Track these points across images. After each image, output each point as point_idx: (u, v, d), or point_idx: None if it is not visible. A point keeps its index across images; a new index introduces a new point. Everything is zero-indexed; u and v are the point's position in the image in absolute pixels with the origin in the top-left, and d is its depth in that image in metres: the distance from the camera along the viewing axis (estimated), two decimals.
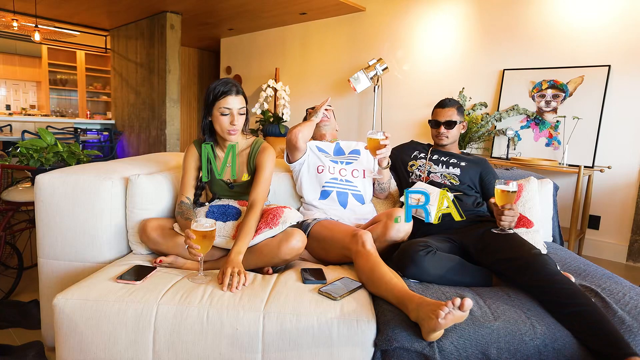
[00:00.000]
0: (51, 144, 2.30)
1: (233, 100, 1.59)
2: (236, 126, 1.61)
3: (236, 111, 1.60)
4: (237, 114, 1.60)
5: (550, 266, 1.33)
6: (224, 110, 1.59)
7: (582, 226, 3.20)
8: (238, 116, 1.61)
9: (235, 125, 1.61)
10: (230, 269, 1.34)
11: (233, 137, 1.64)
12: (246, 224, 1.51)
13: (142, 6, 4.92)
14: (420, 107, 4.15)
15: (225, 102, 1.58)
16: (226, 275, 1.32)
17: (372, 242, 1.50)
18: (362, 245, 1.47)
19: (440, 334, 1.12)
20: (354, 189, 1.94)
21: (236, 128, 1.62)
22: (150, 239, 1.55)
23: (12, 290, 2.16)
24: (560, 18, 3.29)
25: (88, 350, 1.24)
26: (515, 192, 1.55)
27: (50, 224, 1.58)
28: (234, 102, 1.59)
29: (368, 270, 1.37)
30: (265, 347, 1.21)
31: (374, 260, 1.40)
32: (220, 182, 1.74)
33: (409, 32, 4.21)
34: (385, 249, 1.61)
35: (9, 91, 7.19)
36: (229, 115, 1.60)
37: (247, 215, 1.54)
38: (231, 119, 1.60)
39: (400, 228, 1.57)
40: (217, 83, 1.61)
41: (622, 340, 1.11)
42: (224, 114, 1.60)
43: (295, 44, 5.35)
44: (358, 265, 1.43)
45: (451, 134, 1.98)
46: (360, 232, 1.52)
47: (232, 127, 1.61)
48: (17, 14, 5.08)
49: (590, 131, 3.12)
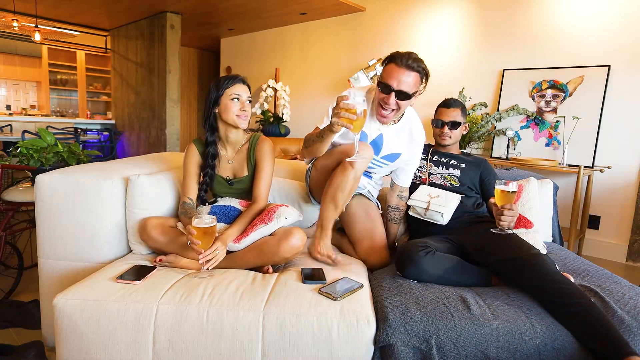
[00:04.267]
0: (51, 144, 2.30)
1: (241, 87, 1.66)
2: (246, 112, 1.65)
3: (245, 98, 1.66)
4: (246, 101, 1.66)
5: (550, 266, 1.33)
6: (234, 95, 1.64)
7: (582, 226, 3.20)
8: (247, 103, 1.66)
9: (246, 110, 1.65)
10: (216, 246, 1.42)
11: (243, 122, 1.67)
12: (247, 214, 1.60)
13: (142, 6, 4.92)
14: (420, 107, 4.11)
15: (235, 89, 1.65)
16: (212, 249, 1.40)
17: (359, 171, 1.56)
18: (351, 164, 1.52)
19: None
20: (360, 189, 1.91)
21: (246, 114, 1.66)
22: (150, 237, 1.56)
23: (12, 290, 2.16)
24: (560, 18, 3.30)
25: (88, 350, 1.24)
26: (515, 192, 1.55)
27: (51, 224, 1.58)
28: (242, 90, 1.66)
29: (336, 184, 1.56)
30: (265, 347, 1.21)
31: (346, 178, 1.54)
32: (219, 178, 1.74)
33: (409, 32, 4.21)
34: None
35: (9, 91, 7.19)
36: (239, 102, 1.65)
37: (250, 207, 1.63)
38: (241, 105, 1.65)
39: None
40: (223, 76, 1.68)
41: (622, 340, 1.12)
42: (234, 99, 1.64)
43: (295, 44, 5.35)
44: (335, 173, 1.57)
45: (454, 134, 1.98)
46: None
47: (243, 112, 1.65)
48: (17, 14, 5.08)
49: (590, 131, 3.12)
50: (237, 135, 1.73)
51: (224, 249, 1.45)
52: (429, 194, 1.80)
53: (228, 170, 1.75)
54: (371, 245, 1.73)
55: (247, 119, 1.68)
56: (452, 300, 1.29)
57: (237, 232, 1.54)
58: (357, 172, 1.56)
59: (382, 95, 1.60)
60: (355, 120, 1.35)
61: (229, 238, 1.50)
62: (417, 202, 1.80)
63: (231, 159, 1.75)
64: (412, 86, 1.57)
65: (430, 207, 1.75)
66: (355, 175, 1.56)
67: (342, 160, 1.58)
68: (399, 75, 1.56)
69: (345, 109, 1.35)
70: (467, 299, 1.30)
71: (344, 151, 1.61)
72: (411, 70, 1.56)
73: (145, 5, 4.86)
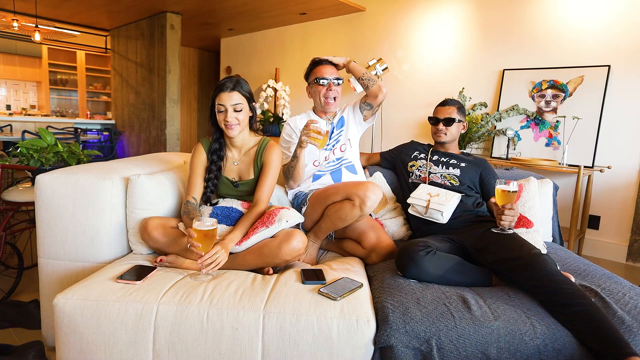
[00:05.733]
0: (51, 144, 2.30)
1: (225, 96, 1.62)
2: (229, 122, 1.63)
3: (230, 107, 1.62)
4: (230, 110, 1.62)
5: (550, 266, 1.33)
6: (218, 107, 1.64)
7: (582, 226, 3.20)
8: (232, 112, 1.63)
9: (229, 121, 1.62)
10: (217, 249, 1.39)
11: (231, 132, 1.65)
12: (248, 217, 1.59)
13: (142, 6, 4.92)
14: (420, 107, 4.15)
15: (219, 99, 1.63)
16: (211, 253, 1.38)
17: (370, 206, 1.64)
18: (361, 203, 1.61)
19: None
20: (345, 161, 2.01)
21: (230, 123, 1.63)
22: (151, 237, 1.56)
23: (12, 290, 2.16)
24: (560, 18, 3.30)
25: (88, 350, 1.24)
26: (515, 192, 1.55)
27: (51, 224, 1.58)
28: (226, 99, 1.62)
29: (340, 216, 1.67)
30: (265, 347, 1.21)
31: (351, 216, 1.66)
32: (225, 180, 1.75)
33: (409, 32, 4.21)
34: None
35: (9, 91, 7.19)
36: (223, 112, 1.63)
37: (251, 210, 1.61)
38: (224, 115, 1.63)
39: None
40: (218, 83, 1.66)
41: (622, 340, 1.12)
42: (219, 110, 1.64)
43: (295, 44, 5.35)
44: (342, 205, 1.65)
45: (450, 131, 1.99)
46: (366, 195, 1.61)
47: (227, 123, 1.63)
48: (17, 14, 5.08)
49: (590, 131, 3.12)
50: (242, 139, 1.74)
51: (225, 253, 1.43)
52: (429, 192, 1.81)
53: (234, 172, 1.76)
54: (377, 236, 1.75)
55: (235, 127, 1.65)
56: (452, 301, 1.29)
57: (240, 236, 1.53)
58: (364, 214, 1.67)
59: (324, 89, 1.95)
60: (321, 140, 1.66)
61: (231, 243, 1.49)
62: (417, 200, 1.80)
63: (237, 160, 1.75)
64: (335, 73, 1.98)
65: (430, 206, 1.75)
66: (362, 215, 1.67)
67: (349, 197, 1.66)
68: (324, 69, 1.97)
69: (313, 130, 1.67)
70: (467, 299, 1.29)
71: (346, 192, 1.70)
72: (327, 64, 1.98)
73: (145, 5, 4.86)
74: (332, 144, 2.02)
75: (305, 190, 1.93)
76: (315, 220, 1.79)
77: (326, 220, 1.73)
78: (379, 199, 1.65)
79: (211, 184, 1.72)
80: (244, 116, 1.66)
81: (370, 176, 2.20)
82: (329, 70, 1.96)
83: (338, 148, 2.02)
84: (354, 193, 1.63)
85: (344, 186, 1.71)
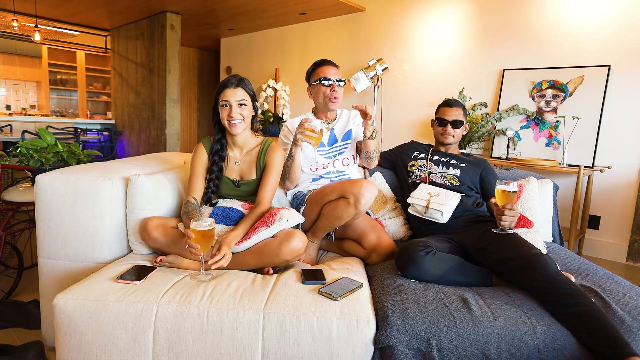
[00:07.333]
0: (51, 144, 2.30)
1: (230, 92, 1.64)
2: (234, 117, 1.64)
3: (234, 103, 1.64)
4: (235, 105, 1.64)
5: (551, 266, 1.33)
6: (222, 102, 1.65)
7: (582, 226, 3.20)
8: (236, 107, 1.64)
9: (233, 116, 1.63)
10: (224, 251, 1.41)
11: (235, 129, 1.66)
12: (251, 216, 1.60)
13: (142, 6, 4.92)
14: (420, 107, 4.15)
15: (223, 95, 1.64)
16: (220, 254, 1.40)
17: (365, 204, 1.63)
18: (356, 200, 1.61)
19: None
20: (345, 176, 2.00)
21: (234, 119, 1.64)
22: (151, 237, 1.56)
23: (12, 290, 2.15)
24: (560, 18, 3.30)
25: (88, 350, 1.24)
26: (515, 192, 1.55)
27: (50, 224, 1.58)
28: (231, 94, 1.63)
29: (335, 215, 1.66)
30: (265, 347, 1.21)
31: (346, 214, 1.65)
32: (227, 179, 1.75)
33: (409, 32, 4.21)
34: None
35: (9, 91, 7.19)
36: (227, 108, 1.64)
37: (254, 210, 1.63)
38: (229, 111, 1.64)
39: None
40: (221, 81, 1.68)
41: (622, 340, 1.12)
42: (223, 105, 1.65)
43: (295, 44, 5.35)
44: (338, 203, 1.65)
45: (456, 133, 2.01)
46: (360, 192, 1.61)
47: (230, 118, 1.64)
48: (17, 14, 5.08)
49: (590, 131, 3.12)
50: (244, 138, 1.74)
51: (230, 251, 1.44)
52: (429, 192, 1.81)
53: (235, 172, 1.76)
54: (378, 236, 1.76)
55: (239, 124, 1.65)
56: (452, 301, 1.29)
57: (241, 235, 1.54)
58: (360, 212, 1.67)
59: (327, 89, 1.95)
60: (316, 137, 1.70)
61: (233, 240, 1.50)
62: (417, 200, 1.81)
63: (239, 160, 1.75)
64: (338, 74, 1.99)
65: (430, 206, 1.75)
66: (357, 213, 1.67)
67: (344, 195, 1.66)
68: (327, 70, 1.98)
69: (307, 128, 1.70)
70: (467, 299, 1.29)
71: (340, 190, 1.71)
72: (332, 65, 2.01)
73: (145, 5, 4.86)
74: (334, 154, 2.01)
75: (303, 191, 1.93)
76: (313, 220, 1.79)
77: (323, 219, 1.73)
78: (374, 196, 1.64)
79: (212, 184, 1.72)
80: (248, 113, 1.68)
81: (369, 176, 2.20)
82: (332, 71, 1.97)
83: (340, 161, 2.00)
84: (348, 191, 1.63)
85: (339, 184, 1.71)
